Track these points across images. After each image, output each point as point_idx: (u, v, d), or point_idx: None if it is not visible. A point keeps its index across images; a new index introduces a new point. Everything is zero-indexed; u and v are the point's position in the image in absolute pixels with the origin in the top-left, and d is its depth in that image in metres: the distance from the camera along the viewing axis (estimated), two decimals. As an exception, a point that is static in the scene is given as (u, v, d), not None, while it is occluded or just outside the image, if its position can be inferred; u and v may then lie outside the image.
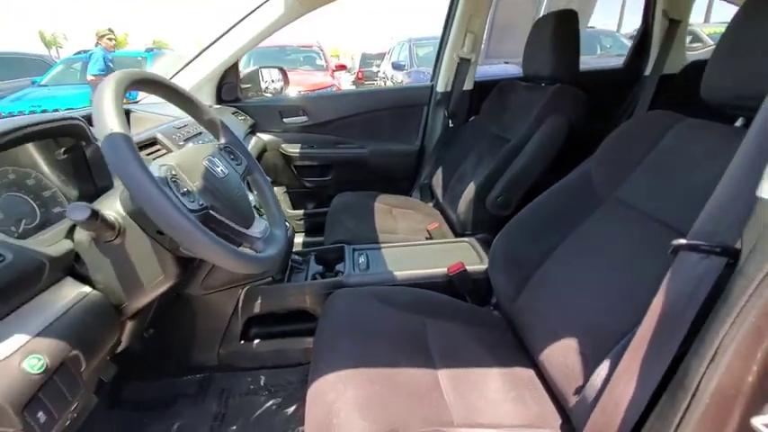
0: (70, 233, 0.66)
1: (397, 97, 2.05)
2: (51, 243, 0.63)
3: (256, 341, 1.27)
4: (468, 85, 1.88)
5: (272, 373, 1.26)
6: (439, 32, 1.97)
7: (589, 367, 0.74)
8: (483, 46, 1.92)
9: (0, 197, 0.67)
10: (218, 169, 0.73)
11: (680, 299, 0.54)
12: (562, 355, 0.81)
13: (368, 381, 0.81)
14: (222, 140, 0.85)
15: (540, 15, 1.47)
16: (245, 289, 1.19)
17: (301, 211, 2.09)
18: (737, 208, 0.46)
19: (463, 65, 1.82)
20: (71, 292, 0.63)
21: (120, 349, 0.83)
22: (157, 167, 0.63)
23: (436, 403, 0.80)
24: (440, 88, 1.92)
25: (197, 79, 1.62)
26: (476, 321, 1.05)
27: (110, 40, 4.68)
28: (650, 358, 0.57)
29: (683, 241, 0.53)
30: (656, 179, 0.84)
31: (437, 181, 1.83)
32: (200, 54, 1.63)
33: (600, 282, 0.84)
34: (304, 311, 1.24)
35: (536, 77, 1.49)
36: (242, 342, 1.26)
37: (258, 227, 0.76)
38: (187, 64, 1.61)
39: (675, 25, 1.75)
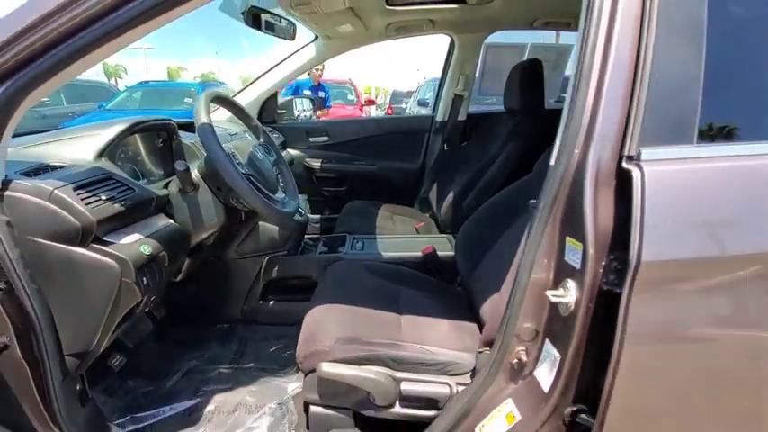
0: (165, 186, 1.06)
1: (403, 124, 2.47)
2: (156, 189, 1.03)
3: (272, 302, 1.62)
4: (461, 116, 2.26)
5: (280, 328, 1.60)
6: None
7: (506, 305, 1.04)
8: (476, 85, 2.32)
9: (126, 165, 1.09)
10: (258, 155, 1.12)
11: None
12: (493, 303, 1.12)
13: (347, 311, 1.14)
14: (261, 140, 1.25)
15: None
16: (267, 258, 1.56)
17: (318, 216, 2.48)
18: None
19: (457, 100, 2.22)
20: (162, 221, 1.03)
21: (178, 278, 1.21)
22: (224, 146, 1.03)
23: (395, 330, 1.12)
24: (439, 118, 2.32)
25: (245, 103, 2.08)
26: (440, 291, 1.37)
27: (316, 70, 4.71)
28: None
29: (534, 201, 0.85)
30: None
31: (433, 194, 2.17)
32: (248, 85, 2.10)
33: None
34: (309, 283, 1.58)
35: (510, 111, 1.86)
36: (261, 302, 1.61)
37: (279, 195, 1.14)
38: (239, 92, 2.09)
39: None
